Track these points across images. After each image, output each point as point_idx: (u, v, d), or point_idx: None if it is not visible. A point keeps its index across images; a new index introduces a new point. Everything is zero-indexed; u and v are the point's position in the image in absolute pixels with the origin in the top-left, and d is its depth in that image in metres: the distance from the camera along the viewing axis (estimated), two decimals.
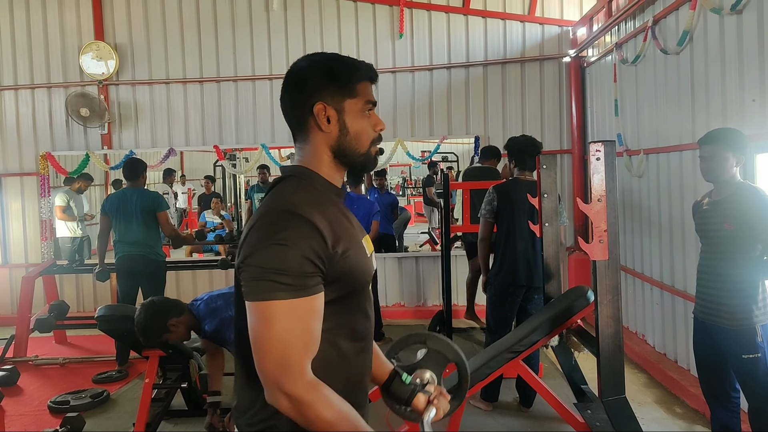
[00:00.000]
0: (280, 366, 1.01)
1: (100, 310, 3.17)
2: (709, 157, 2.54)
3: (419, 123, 6.34)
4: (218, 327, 2.83)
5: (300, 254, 1.02)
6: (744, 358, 2.47)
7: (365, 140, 1.19)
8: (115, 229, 4.52)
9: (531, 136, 3.88)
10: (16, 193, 6.54)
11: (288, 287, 1.01)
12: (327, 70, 1.17)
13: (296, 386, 1.01)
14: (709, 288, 2.62)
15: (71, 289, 6.58)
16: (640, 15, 4.68)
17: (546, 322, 2.95)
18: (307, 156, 1.19)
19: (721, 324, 2.54)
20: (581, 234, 6.07)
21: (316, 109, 1.15)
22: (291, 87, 1.19)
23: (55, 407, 3.91)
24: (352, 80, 1.17)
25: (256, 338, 1.03)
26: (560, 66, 6.30)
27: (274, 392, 1.02)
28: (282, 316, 1.01)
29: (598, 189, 2.54)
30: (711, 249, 2.63)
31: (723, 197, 2.56)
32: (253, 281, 1.03)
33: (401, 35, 6.33)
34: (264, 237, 1.04)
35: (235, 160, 8.12)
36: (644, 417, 3.47)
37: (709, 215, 2.61)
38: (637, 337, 4.93)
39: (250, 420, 1.14)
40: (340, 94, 1.16)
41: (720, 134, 2.56)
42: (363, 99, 1.18)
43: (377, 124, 1.21)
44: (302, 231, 1.04)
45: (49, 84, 6.58)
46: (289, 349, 1.01)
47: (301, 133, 1.19)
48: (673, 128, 4.16)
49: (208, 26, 6.50)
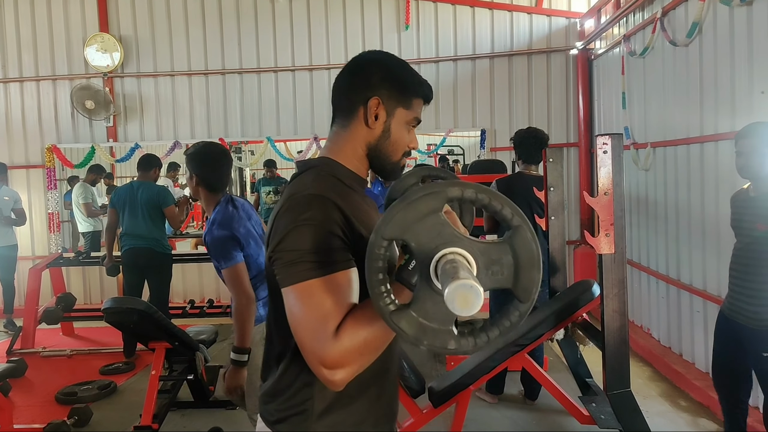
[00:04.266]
0: (316, 336, 0.97)
1: (106, 303, 3.18)
2: (746, 153, 2.38)
3: (425, 116, 6.18)
4: (221, 241, 2.32)
5: (327, 229, 1.02)
6: (765, 356, 2.42)
7: (400, 150, 1.21)
8: (121, 222, 4.54)
9: (537, 129, 3.83)
10: (23, 185, 6.56)
11: (321, 265, 1.00)
12: (395, 72, 1.18)
13: (329, 350, 0.96)
14: (737, 286, 2.53)
15: (78, 282, 6.62)
16: (648, 6, 4.63)
17: (551, 316, 2.94)
18: (340, 143, 1.19)
19: (745, 323, 2.48)
20: (587, 227, 6.04)
21: (371, 102, 1.15)
22: (356, 70, 1.19)
23: (62, 398, 3.94)
24: (412, 92, 1.19)
25: (295, 321, 1.01)
26: (567, 58, 6.25)
27: (321, 372, 0.98)
28: (318, 293, 0.99)
29: (604, 182, 2.52)
30: (743, 246, 2.51)
31: (759, 194, 2.42)
32: (286, 266, 1.02)
33: (407, 27, 6.30)
34: (289, 221, 1.04)
35: (241, 153, 8.13)
36: (649, 410, 3.47)
37: (745, 212, 2.49)
38: (642, 330, 4.92)
39: (279, 406, 1.13)
40: (396, 99, 1.17)
41: (757, 129, 2.39)
42: (413, 114, 1.20)
43: (412, 141, 1.24)
44: (326, 208, 1.04)
45: (54, 76, 6.60)
46: (326, 323, 0.98)
47: (345, 118, 1.19)
48: (680, 121, 4.12)
49: (213, 18, 6.49)
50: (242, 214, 2.43)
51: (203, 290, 6.48)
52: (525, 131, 3.78)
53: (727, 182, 3.38)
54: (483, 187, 0.83)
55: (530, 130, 3.79)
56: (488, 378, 3.06)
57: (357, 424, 1.13)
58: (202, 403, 3.65)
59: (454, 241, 0.82)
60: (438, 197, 0.83)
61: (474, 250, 0.82)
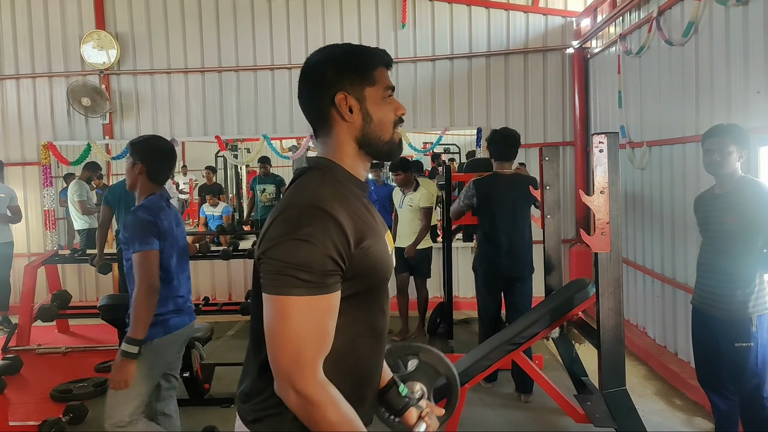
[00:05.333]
0: (294, 362, 1.01)
1: (102, 300, 3.17)
2: (713, 151, 2.56)
3: (421, 114, 6.32)
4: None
5: (323, 252, 1.01)
6: (736, 347, 2.50)
7: (388, 126, 1.18)
8: (117, 219, 4.52)
9: (509, 128, 4.00)
10: (18, 182, 6.53)
11: (307, 284, 1.00)
12: (344, 60, 1.16)
13: (308, 384, 1.02)
14: (708, 279, 2.65)
15: (73, 279, 6.60)
16: (644, 6, 4.64)
17: (547, 314, 2.95)
18: (331, 149, 1.18)
19: (717, 314, 2.57)
20: (583, 226, 6.06)
21: (338, 99, 1.14)
22: (309, 81, 1.17)
23: (57, 396, 3.93)
24: (369, 67, 1.16)
25: (271, 332, 1.03)
26: (563, 57, 6.26)
27: (285, 386, 1.03)
28: (299, 312, 1.01)
29: (600, 181, 2.53)
30: (712, 242, 2.65)
31: (725, 191, 2.59)
32: (272, 275, 1.02)
33: (404, 25, 6.29)
34: (287, 231, 1.02)
35: (237, 151, 8.11)
36: (644, 409, 3.48)
37: (712, 208, 2.63)
38: (637, 329, 4.94)
39: (255, 406, 1.14)
40: (359, 82, 1.15)
41: (724, 128, 2.60)
42: (382, 85, 1.17)
43: (398, 109, 1.20)
44: (327, 228, 1.02)
45: (50, 73, 6.56)
46: (303, 347, 1.01)
47: (324, 126, 1.18)
48: (676, 120, 4.13)
49: (209, 15, 6.46)
50: (172, 214, 2.43)
51: (198, 288, 6.47)
52: (497, 130, 3.96)
53: None
54: None
55: (502, 129, 3.98)
56: (483, 377, 3.07)
57: None
58: (198, 400, 3.65)
59: None
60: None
61: None
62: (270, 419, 1.12)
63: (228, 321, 5.60)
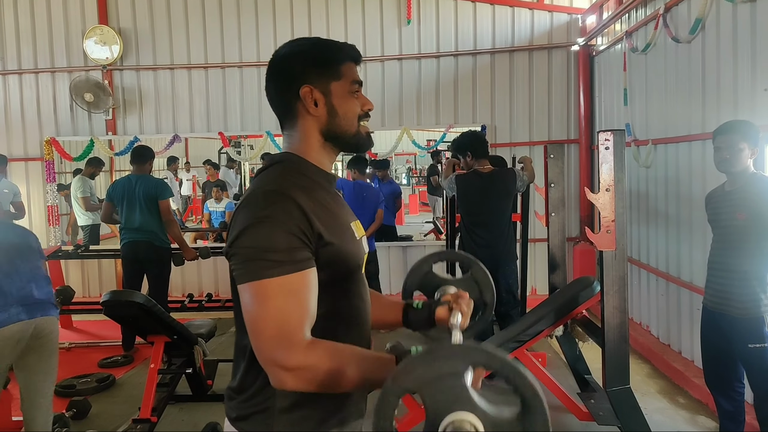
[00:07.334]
0: (277, 341, 0.98)
1: (105, 296, 3.17)
2: (724, 148, 2.53)
3: (425, 111, 6.30)
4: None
5: (285, 229, 1.01)
6: (750, 348, 2.46)
7: (353, 121, 1.18)
8: (120, 215, 4.52)
9: (472, 130, 4.35)
10: (21, 178, 6.53)
11: (278, 264, 1.00)
12: (310, 53, 1.17)
13: (294, 355, 0.97)
14: (719, 278, 2.61)
15: (77, 275, 6.61)
16: (651, 2, 4.61)
17: (551, 312, 2.94)
18: (296, 142, 1.18)
19: (729, 313, 2.53)
20: (588, 224, 6.04)
21: (303, 92, 1.14)
22: (275, 74, 1.19)
23: (61, 391, 3.93)
24: (335, 62, 1.17)
25: (251, 319, 1.01)
26: (569, 54, 6.23)
27: (275, 372, 0.99)
28: (275, 293, 0.99)
29: (606, 178, 2.52)
30: (723, 239, 2.61)
31: (736, 188, 2.56)
32: (242, 263, 1.02)
33: (408, 22, 6.27)
34: (248, 217, 1.03)
35: (240, 147, 8.11)
36: (648, 407, 3.47)
37: (722, 205, 2.60)
38: (641, 327, 4.92)
39: (241, 404, 1.13)
40: (325, 76, 1.15)
41: (736, 125, 2.56)
42: (349, 80, 1.17)
43: (365, 104, 1.20)
44: (286, 209, 1.03)
45: (53, 69, 6.56)
46: (284, 324, 0.99)
47: (290, 119, 1.19)
48: (682, 118, 4.11)
49: (213, 11, 6.45)
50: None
51: (202, 284, 6.48)
52: (466, 134, 4.20)
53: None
54: (508, 361, 0.82)
55: (469, 132, 4.29)
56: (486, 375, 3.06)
57: (322, 422, 1.11)
58: (201, 397, 3.65)
59: (468, 406, 0.81)
60: (463, 361, 0.83)
61: (487, 421, 0.81)
62: (257, 416, 1.10)
63: (231, 317, 5.57)
